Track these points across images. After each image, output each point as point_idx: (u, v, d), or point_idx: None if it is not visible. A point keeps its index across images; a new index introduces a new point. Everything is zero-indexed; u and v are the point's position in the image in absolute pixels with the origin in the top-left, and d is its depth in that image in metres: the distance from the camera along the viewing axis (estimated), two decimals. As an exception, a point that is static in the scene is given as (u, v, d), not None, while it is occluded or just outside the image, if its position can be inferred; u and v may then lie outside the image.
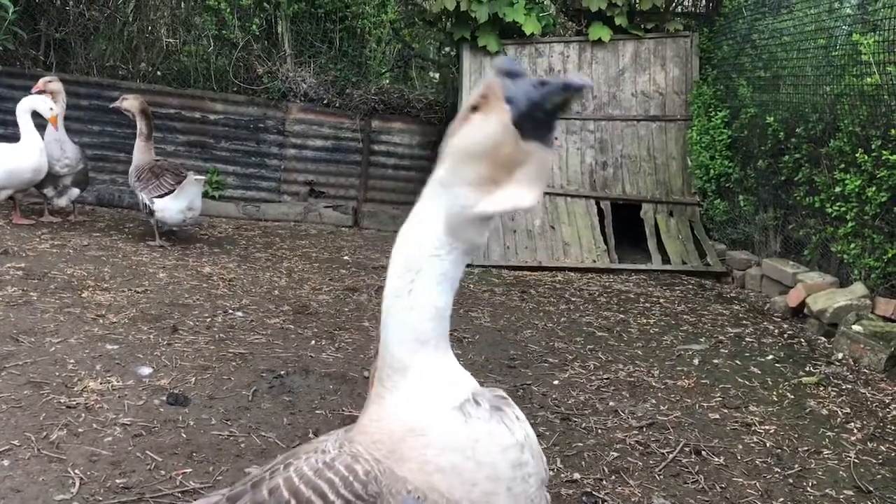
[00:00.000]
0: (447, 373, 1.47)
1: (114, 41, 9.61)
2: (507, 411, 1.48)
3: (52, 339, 4.45)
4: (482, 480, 1.40)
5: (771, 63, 7.37)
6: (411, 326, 1.47)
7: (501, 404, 1.49)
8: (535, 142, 1.35)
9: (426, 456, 1.41)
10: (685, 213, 8.35)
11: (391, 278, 1.50)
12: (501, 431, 1.44)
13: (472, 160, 1.40)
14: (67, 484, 3.00)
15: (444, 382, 1.46)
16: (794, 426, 4.17)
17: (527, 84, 1.34)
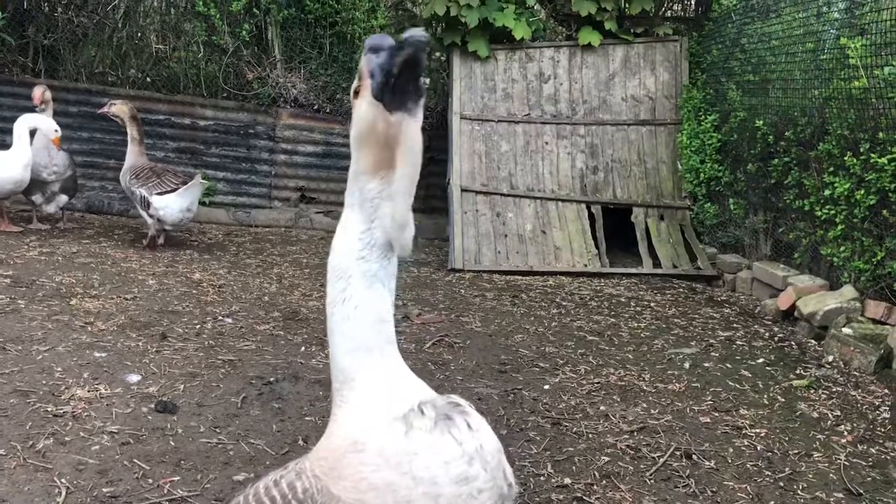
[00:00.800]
0: (393, 382, 1.41)
1: (103, 47, 9.57)
2: (456, 420, 1.38)
3: (40, 347, 4.42)
4: (418, 498, 1.31)
5: (760, 67, 7.39)
6: (351, 336, 1.42)
7: (453, 412, 1.40)
8: (401, 112, 1.32)
9: (362, 473, 1.34)
10: (676, 217, 8.37)
11: (328, 288, 1.46)
12: (445, 443, 1.35)
13: (361, 146, 1.39)
14: (54, 493, 2.97)
15: (387, 392, 1.39)
16: (785, 429, 4.16)
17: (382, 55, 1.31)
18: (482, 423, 1.43)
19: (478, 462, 1.36)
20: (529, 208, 8.27)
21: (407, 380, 1.44)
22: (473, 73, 8.59)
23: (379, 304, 1.43)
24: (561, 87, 8.67)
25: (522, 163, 8.46)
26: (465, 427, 1.38)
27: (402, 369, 1.45)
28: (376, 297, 1.42)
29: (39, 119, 7.17)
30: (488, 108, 8.57)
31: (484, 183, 8.32)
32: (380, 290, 1.42)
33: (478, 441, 1.38)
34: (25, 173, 7.02)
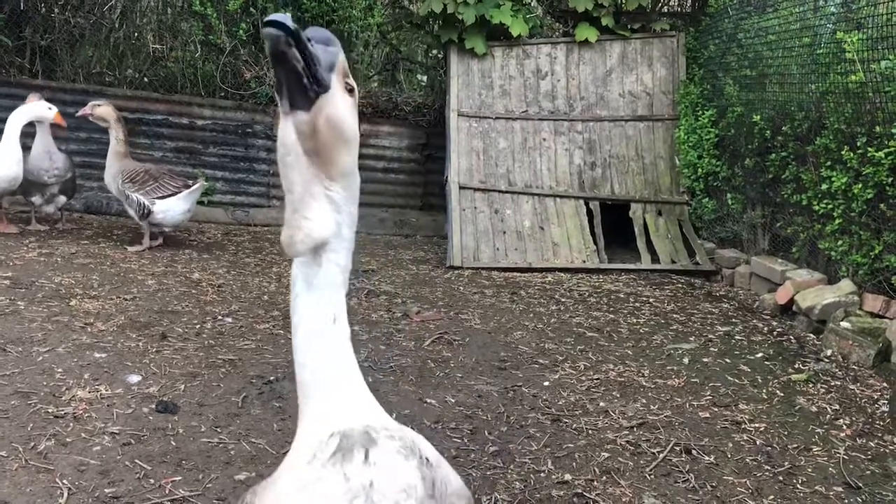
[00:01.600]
0: (332, 406, 1.31)
1: (100, 48, 9.57)
2: (354, 453, 1.26)
3: (40, 349, 4.43)
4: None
5: (757, 62, 7.40)
6: (301, 353, 1.34)
7: (359, 444, 1.27)
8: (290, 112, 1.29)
9: (268, 500, 1.30)
10: (674, 213, 8.38)
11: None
12: (330, 477, 1.24)
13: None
14: (56, 494, 2.98)
15: (322, 417, 1.30)
16: (784, 423, 4.18)
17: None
18: (394, 458, 1.28)
19: (364, 500, 1.24)
20: (527, 205, 8.27)
21: (345, 403, 1.31)
22: (471, 71, 8.59)
23: (319, 315, 1.33)
24: (558, 84, 8.68)
25: (520, 159, 8.46)
26: (359, 461, 1.26)
27: (348, 391, 1.33)
28: (314, 308, 1.33)
29: (31, 108, 7.13)
30: (486, 104, 8.57)
31: (482, 180, 8.33)
32: (317, 299, 1.33)
33: (368, 477, 1.25)
34: (19, 169, 7.02)
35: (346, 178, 1.34)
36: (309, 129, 1.26)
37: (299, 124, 1.26)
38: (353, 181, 1.38)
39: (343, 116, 1.30)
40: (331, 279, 1.34)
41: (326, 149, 1.28)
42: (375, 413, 1.36)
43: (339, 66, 1.31)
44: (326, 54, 1.29)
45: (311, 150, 1.27)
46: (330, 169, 1.30)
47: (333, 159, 1.29)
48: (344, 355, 1.36)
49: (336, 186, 1.32)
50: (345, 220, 1.35)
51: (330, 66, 1.29)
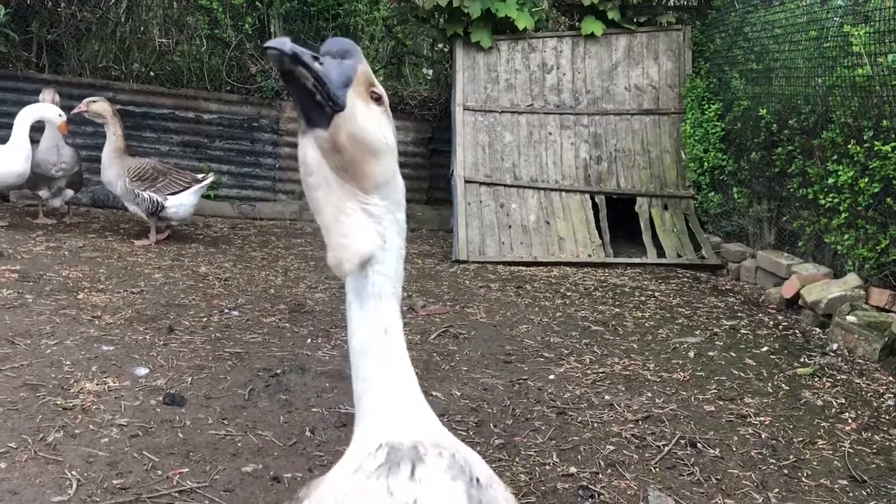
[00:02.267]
0: (380, 417, 1.29)
1: (106, 42, 9.59)
2: (400, 468, 1.23)
3: (48, 341, 4.45)
4: None
5: (763, 55, 7.38)
6: (355, 364, 1.33)
7: (409, 459, 1.25)
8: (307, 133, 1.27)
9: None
10: (680, 207, 8.37)
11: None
12: (374, 490, 1.22)
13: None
14: (65, 485, 3.01)
15: (371, 427, 1.29)
16: (790, 417, 4.18)
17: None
18: (440, 477, 1.24)
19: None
20: (533, 199, 8.27)
21: (400, 417, 1.30)
22: (476, 64, 8.59)
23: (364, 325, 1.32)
24: (564, 78, 8.67)
25: (526, 153, 8.46)
26: (405, 476, 1.23)
27: (400, 400, 1.31)
28: (359, 316, 1.32)
29: (42, 108, 7.17)
30: (491, 98, 8.57)
31: (488, 174, 8.33)
32: (360, 306, 1.32)
33: (413, 494, 1.21)
34: (27, 165, 7.06)
35: (384, 187, 1.30)
36: (331, 147, 1.23)
37: (320, 142, 1.23)
38: (394, 188, 1.32)
39: (366, 130, 1.25)
40: (379, 290, 1.31)
41: (355, 164, 1.25)
42: (428, 426, 1.32)
43: (360, 78, 1.26)
44: (341, 69, 1.25)
45: (339, 167, 1.25)
46: (363, 183, 1.26)
47: (365, 173, 1.26)
48: (396, 367, 1.33)
49: (373, 199, 1.29)
50: (389, 229, 1.31)
51: (345, 81, 1.24)
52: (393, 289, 1.33)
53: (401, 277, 1.36)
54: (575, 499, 3.27)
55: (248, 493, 3.10)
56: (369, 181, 1.27)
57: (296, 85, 1.20)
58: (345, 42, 1.29)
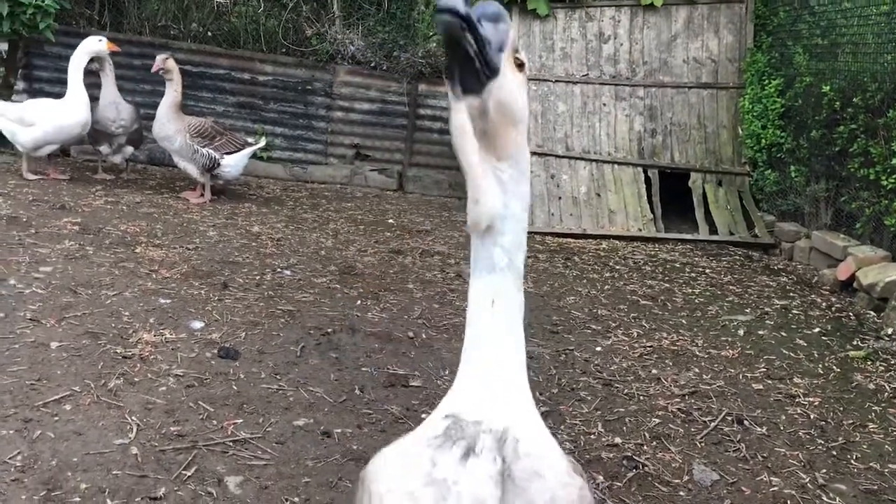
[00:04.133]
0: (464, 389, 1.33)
1: (166, 1, 9.69)
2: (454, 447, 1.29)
3: (108, 292, 4.59)
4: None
5: (829, 30, 7.16)
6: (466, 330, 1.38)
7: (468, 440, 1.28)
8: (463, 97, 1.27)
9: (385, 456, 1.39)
10: (734, 183, 8.23)
11: None
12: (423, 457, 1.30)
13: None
14: (125, 429, 3.12)
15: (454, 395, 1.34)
16: (840, 399, 4.13)
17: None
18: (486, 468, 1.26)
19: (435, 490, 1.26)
20: (585, 171, 8.21)
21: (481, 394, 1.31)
22: (532, 32, 8.50)
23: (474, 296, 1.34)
24: (621, 48, 8.53)
25: (579, 124, 8.38)
26: (456, 455, 1.27)
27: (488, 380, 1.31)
28: (474, 288, 1.35)
29: (83, 46, 7.24)
30: (546, 67, 8.48)
31: (539, 144, 8.28)
32: (477, 281, 1.34)
33: (456, 475, 1.26)
34: (88, 113, 7.24)
35: (514, 156, 1.31)
36: (479, 113, 1.25)
37: (471, 108, 1.25)
38: (522, 159, 1.33)
39: (514, 98, 1.26)
40: (492, 262, 1.32)
41: (495, 130, 1.26)
42: (510, 411, 1.31)
43: (510, 44, 1.27)
44: (497, 34, 1.24)
45: (481, 132, 1.27)
46: (498, 149, 1.28)
47: (502, 140, 1.28)
48: (495, 342, 1.33)
49: (503, 165, 1.30)
50: (512, 200, 1.31)
51: (500, 45, 1.24)
52: (508, 261, 1.32)
53: (522, 248, 1.34)
54: (619, 469, 3.29)
55: (299, 445, 3.18)
56: (504, 149, 1.28)
57: (458, 51, 1.20)
58: (496, 5, 1.27)
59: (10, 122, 7.16)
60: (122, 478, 2.81)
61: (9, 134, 7.23)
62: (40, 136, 7.10)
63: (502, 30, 1.25)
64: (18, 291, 4.38)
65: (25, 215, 5.95)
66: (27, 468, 2.78)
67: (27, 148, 7.19)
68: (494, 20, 1.25)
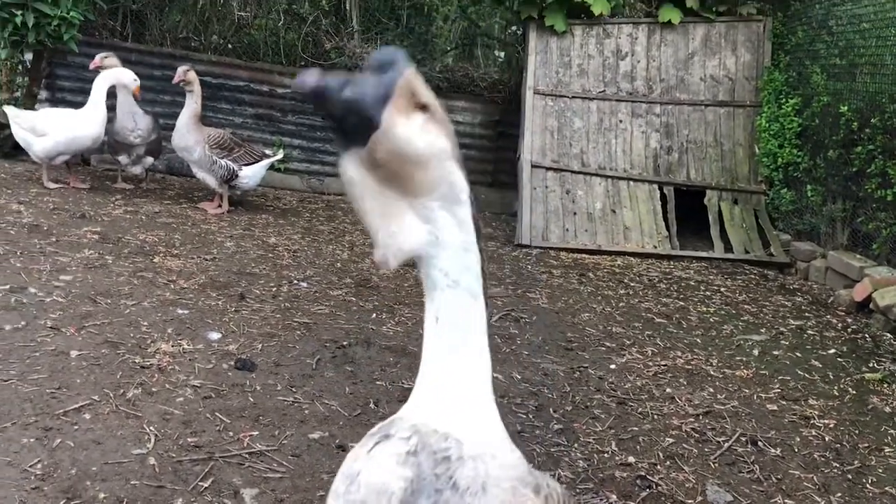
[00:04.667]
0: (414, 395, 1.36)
1: (187, 13, 9.82)
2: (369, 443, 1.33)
3: (127, 302, 4.64)
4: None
5: (847, 50, 7.17)
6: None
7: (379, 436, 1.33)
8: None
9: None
10: (750, 202, 8.22)
11: None
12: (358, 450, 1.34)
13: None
14: (143, 439, 3.16)
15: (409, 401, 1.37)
16: (855, 422, 4.12)
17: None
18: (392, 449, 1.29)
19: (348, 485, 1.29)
20: (600, 187, 8.22)
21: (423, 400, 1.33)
22: (549, 48, 8.54)
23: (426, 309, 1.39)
24: (638, 65, 8.56)
25: (595, 140, 8.40)
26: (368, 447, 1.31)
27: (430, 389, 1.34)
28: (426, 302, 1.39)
29: (117, 73, 7.36)
30: (563, 83, 8.52)
31: (555, 159, 8.30)
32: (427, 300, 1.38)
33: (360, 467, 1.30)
34: (101, 129, 7.30)
35: (436, 189, 1.28)
36: (370, 164, 1.24)
37: (361, 160, 1.24)
38: (447, 189, 1.30)
39: (405, 143, 1.23)
40: (433, 282, 1.34)
41: (399, 176, 1.25)
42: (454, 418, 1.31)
43: (400, 90, 1.22)
44: (378, 85, 1.21)
45: (384, 179, 1.25)
46: (411, 190, 1.27)
47: (411, 182, 1.26)
48: (439, 357, 1.36)
49: (423, 200, 1.28)
50: (442, 229, 1.30)
51: (382, 98, 1.21)
52: (451, 281, 1.34)
53: (469, 269, 1.35)
54: (632, 488, 3.30)
55: (314, 458, 3.21)
56: (417, 188, 1.27)
57: (328, 113, 1.20)
58: (386, 54, 1.25)
59: (24, 130, 7.24)
60: (139, 488, 2.84)
61: (23, 143, 7.33)
62: (51, 146, 7.16)
63: (385, 80, 1.22)
64: (39, 300, 4.44)
65: (46, 224, 6.03)
66: (47, 476, 2.82)
67: (39, 157, 7.28)
68: (381, 68, 1.23)
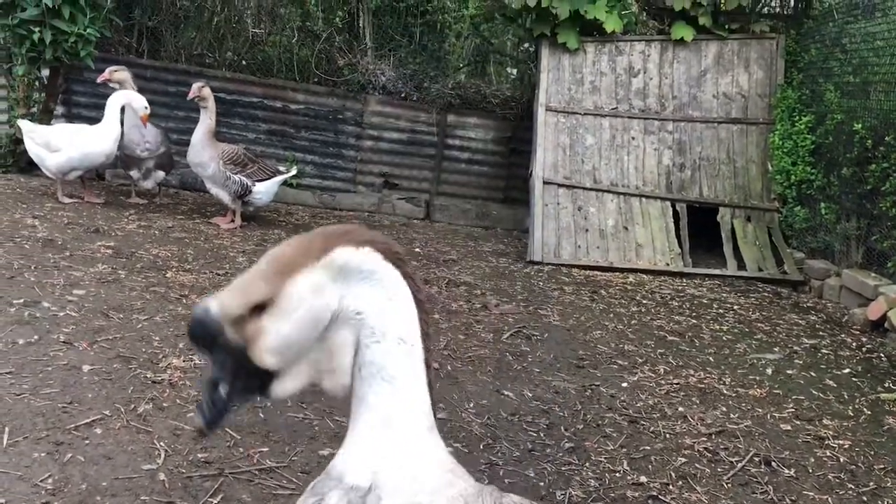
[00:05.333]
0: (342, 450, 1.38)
1: (202, 30, 9.91)
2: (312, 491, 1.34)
3: (139, 317, 4.66)
4: None
5: (861, 68, 7.14)
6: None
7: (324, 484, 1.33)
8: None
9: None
10: (763, 219, 8.18)
11: None
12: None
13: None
14: (154, 455, 3.16)
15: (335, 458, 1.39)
16: (871, 443, 4.07)
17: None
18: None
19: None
20: (612, 203, 8.21)
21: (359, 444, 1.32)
22: (561, 65, 8.56)
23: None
24: (651, 82, 8.56)
25: (607, 157, 8.40)
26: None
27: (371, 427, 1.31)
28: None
29: (131, 96, 7.42)
30: (575, 100, 8.53)
31: (567, 176, 8.30)
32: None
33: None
34: (114, 146, 7.34)
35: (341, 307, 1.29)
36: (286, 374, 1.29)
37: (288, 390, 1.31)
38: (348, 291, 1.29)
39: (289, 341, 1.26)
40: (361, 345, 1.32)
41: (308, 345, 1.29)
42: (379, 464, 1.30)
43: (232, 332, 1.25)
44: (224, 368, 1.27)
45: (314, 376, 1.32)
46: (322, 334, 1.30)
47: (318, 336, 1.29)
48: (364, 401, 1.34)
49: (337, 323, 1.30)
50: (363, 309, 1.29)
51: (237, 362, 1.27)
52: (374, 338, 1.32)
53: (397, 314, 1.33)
54: (644, 508, 3.27)
55: (324, 476, 3.19)
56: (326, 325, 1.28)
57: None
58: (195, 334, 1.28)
59: (37, 145, 7.30)
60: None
61: (36, 158, 7.39)
62: (64, 161, 7.22)
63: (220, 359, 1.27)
64: (52, 314, 4.46)
65: (60, 238, 6.07)
66: (58, 491, 2.82)
67: (52, 173, 7.34)
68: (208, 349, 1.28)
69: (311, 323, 1.25)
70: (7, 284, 4.83)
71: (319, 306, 1.26)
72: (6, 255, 5.42)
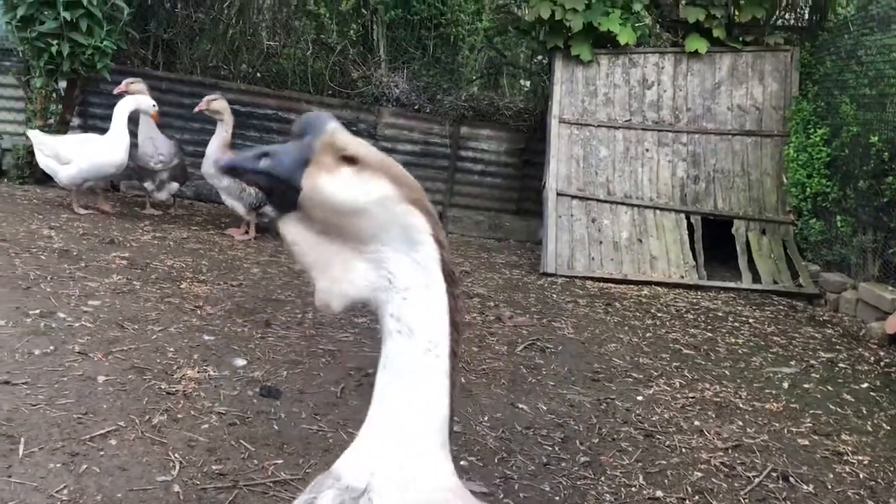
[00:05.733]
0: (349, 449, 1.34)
1: (217, 42, 9.98)
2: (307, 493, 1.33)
3: (154, 328, 4.67)
4: None
5: (877, 80, 7.11)
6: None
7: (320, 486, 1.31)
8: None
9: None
10: (778, 232, 8.13)
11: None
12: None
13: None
14: (168, 466, 3.16)
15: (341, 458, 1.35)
16: (890, 459, 4.02)
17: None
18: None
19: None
20: (626, 215, 8.18)
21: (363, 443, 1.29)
22: (575, 77, 8.56)
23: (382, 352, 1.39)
24: (664, 94, 8.55)
25: (621, 169, 8.38)
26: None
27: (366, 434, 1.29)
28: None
29: (136, 99, 7.44)
30: (588, 112, 8.53)
31: (580, 188, 8.29)
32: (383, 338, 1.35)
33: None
34: (125, 156, 7.35)
35: (382, 234, 1.28)
36: (307, 221, 1.28)
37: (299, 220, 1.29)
38: (399, 233, 1.29)
39: (334, 197, 1.26)
40: (387, 328, 1.29)
41: (339, 227, 1.28)
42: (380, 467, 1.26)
43: (322, 150, 1.26)
44: (296, 151, 1.27)
45: (323, 232, 1.29)
46: (355, 238, 1.29)
47: (352, 231, 1.28)
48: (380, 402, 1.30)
49: (371, 246, 1.29)
50: (397, 270, 1.28)
51: (301, 162, 1.26)
52: (405, 329, 1.28)
53: (427, 315, 1.30)
54: (661, 523, 3.23)
55: (338, 488, 3.18)
56: (362, 236, 1.28)
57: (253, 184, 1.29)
58: (305, 120, 1.30)
59: (47, 157, 7.34)
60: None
61: (48, 170, 7.44)
62: (76, 173, 7.26)
63: (305, 144, 1.27)
64: (68, 325, 4.48)
65: (76, 249, 6.10)
66: (73, 502, 2.82)
67: (64, 184, 7.39)
68: (300, 136, 1.28)
69: (354, 213, 1.26)
70: (23, 295, 4.86)
71: (376, 214, 1.26)
72: (23, 265, 5.46)
